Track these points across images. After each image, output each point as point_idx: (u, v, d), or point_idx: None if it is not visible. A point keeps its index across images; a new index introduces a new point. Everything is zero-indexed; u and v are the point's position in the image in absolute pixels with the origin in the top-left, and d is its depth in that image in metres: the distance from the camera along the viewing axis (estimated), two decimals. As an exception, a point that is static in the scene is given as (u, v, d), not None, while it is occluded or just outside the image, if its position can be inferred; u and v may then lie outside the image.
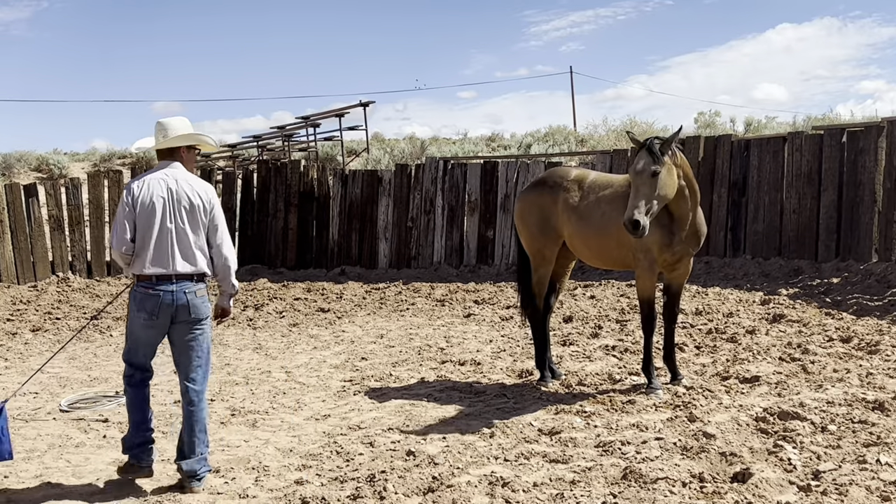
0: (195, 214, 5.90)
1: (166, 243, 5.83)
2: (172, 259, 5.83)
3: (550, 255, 8.48)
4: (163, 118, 6.12)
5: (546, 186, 8.48)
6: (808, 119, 27.57)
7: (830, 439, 6.16)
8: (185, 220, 5.87)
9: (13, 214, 17.00)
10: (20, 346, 11.50)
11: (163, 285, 5.81)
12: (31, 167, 32.02)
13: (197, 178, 6.07)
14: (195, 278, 5.93)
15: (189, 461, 5.88)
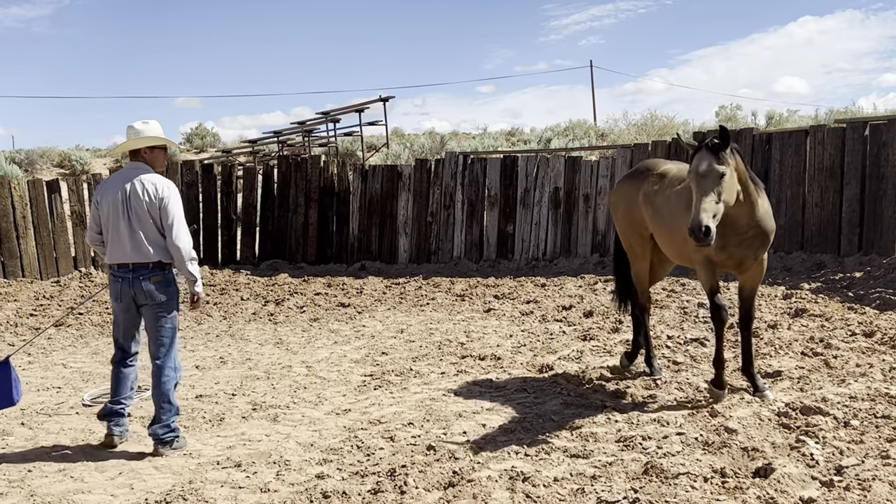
0: (146, 210, 6.54)
1: (124, 236, 6.58)
2: (128, 250, 6.57)
3: (640, 250, 8.34)
4: (135, 122, 6.80)
5: (632, 178, 8.40)
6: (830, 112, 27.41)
7: (853, 434, 6.12)
8: (138, 216, 6.56)
9: (36, 210, 17.11)
10: (43, 340, 11.58)
11: (122, 273, 6.60)
12: (54, 163, 32.23)
13: (154, 176, 6.68)
14: (151, 266, 6.58)
15: (154, 427, 6.65)
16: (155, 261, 6.55)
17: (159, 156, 6.81)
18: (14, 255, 16.81)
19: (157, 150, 6.78)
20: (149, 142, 6.70)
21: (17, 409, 8.12)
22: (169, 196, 6.58)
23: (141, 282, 6.54)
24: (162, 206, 6.53)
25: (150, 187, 6.55)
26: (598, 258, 16.10)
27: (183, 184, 18.34)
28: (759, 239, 7.12)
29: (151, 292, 6.56)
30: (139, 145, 6.71)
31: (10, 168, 26.44)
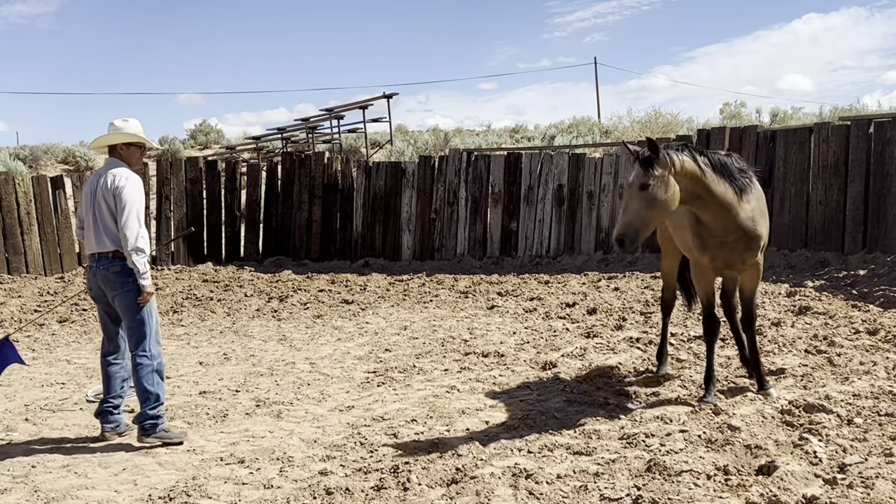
0: (107, 202, 6.70)
1: (91, 228, 6.82)
2: (93, 241, 6.80)
3: (668, 247, 8.31)
4: (116, 119, 6.95)
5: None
6: (834, 110, 27.36)
7: (856, 432, 6.12)
8: (101, 208, 6.72)
9: (40, 206, 17.15)
10: (47, 336, 11.60)
11: (92, 262, 6.85)
12: (58, 159, 32.23)
13: (120, 170, 6.79)
14: (110, 256, 6.72)
15: (137, 417, 6.83)
16: (112, 250, 6.70)
17: (135, 153, 6.95)
18: (18, 251, 16.85)
19: (133, 147, 6.93)
20: (123, 138, 6.85)
21: (21, 404, 8.15)
22: (124, 185, 6.68)
23: (101, 271, 6.72)
24: (116, 194, 6.64)
25: (111, 178, 6.70)
26: (602, 255, 16.09)
27: (187, 180, 18.36)
28: (743, 243, 6.88)
29: (112, 282, 6.70)
30: (112, 141, 6.87)
31: (14, 164, 26.46)
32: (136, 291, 6.69)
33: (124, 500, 5.57)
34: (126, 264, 6.66)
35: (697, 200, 6.70)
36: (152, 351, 6.79)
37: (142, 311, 6.73)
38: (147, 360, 6.76)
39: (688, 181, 6.55)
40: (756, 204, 6.94)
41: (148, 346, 6.77)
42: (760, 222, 6.94)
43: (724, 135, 15.53)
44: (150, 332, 6.78)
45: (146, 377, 6.75)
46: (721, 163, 6.77)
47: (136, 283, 6.67)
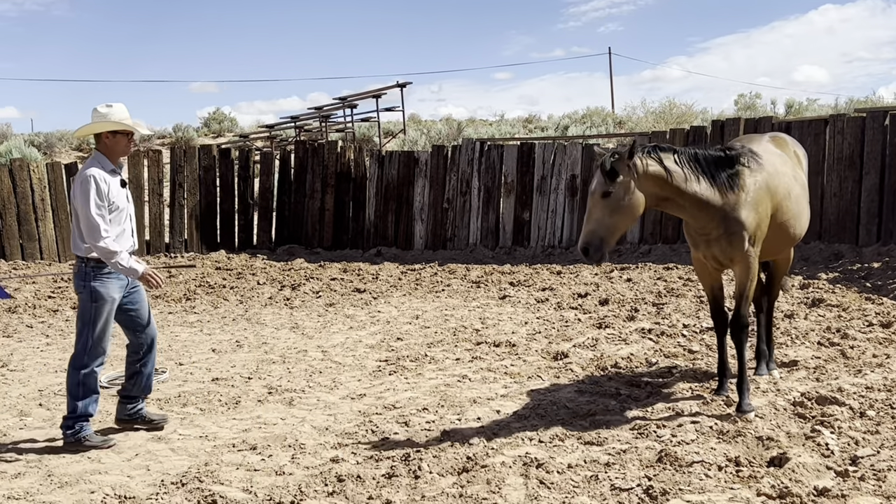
0: (73, 201, 6.41)
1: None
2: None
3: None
4: (99, 105, 6.55)
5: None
6: (850, 101, 27.23)
7: (869, 425, 6.10)
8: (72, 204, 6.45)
9: (54, 193, 17.23)
10: (61, 322, 11.66)
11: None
12: (72, 146, 32.34)
13: (88, 167, 6.40)
14: (78, 258, 6.47)
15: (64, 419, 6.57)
16: (78, 254, 6.46)
17: (121, 141, 6.48)
18: (33, 237, 16.93)
19: (118, 135, 6.46)
20: (107, 126, 6.42)
21: (35, 389, 8.20)
22: (77, 186, 6.31)
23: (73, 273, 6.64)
24: (73, 198, 6.38)
25: (77, 180, 6.35)
26: (615, 246, 16.04)
27: (200, 168, 18.42)
28: (725, 240, 6.52)
29: (74, 281, 6.58)
30: (96, 130, 6.45)
31: (28, 151, 26.56)
32: (86, 296, 6.38)
33: (137, 485, 5.60)
34: (82, 267, 6.40)
35: (667, 202, 6.43)
36: (83, 361, 6.44)
37: (86, 318, 6.40)
38: (75, 369, 6.45)
39: (652, 185, 6.28)
40: (752, 196, 6.53)
41: (81, 355, 6.45)
42: (742, 221, 6.47)
43: (738, 126, 15.47)
44: (87, 342, 6.43)
45: (71, 385, 6.47)
46: (698, 159, 6.41)
47: (87, 288, 6.36)
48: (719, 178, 6.41)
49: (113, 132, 6.45)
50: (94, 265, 6.38)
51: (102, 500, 5.30)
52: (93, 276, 6.39)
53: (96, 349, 6.47)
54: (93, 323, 6.40)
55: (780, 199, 6.79)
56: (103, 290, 6.39)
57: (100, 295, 6.38)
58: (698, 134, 15.81)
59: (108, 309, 6.46)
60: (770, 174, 6.75)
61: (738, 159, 6.56)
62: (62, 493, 5.51)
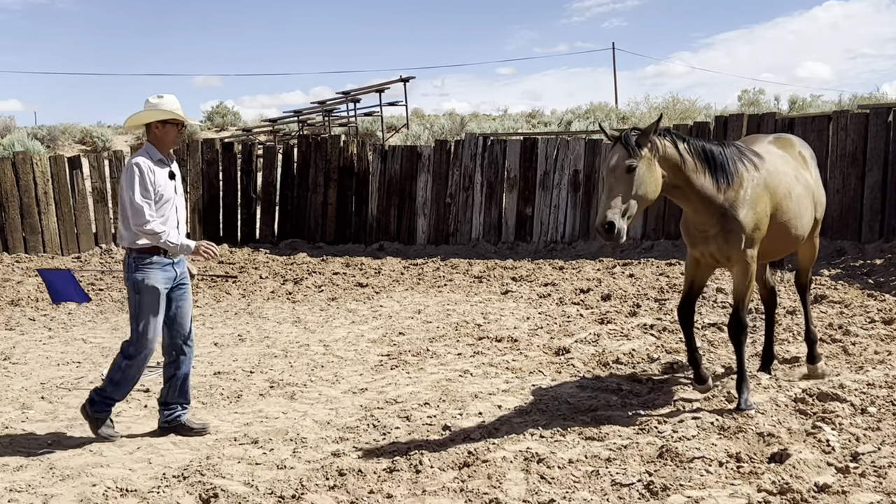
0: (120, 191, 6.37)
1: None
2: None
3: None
4: (151, 96, 6.52)
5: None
6: (853, 98, 27.18)
7: (870, 421, 6.10)
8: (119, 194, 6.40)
9: (58, 186, 17.23)
10: (63, 316, 11.68)
11: None
12: (76, 140, 32.36)
13: (135, 156, 6.40)
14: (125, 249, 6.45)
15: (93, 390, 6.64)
16: (124, 245, 6.42)
17: (171, 131, 6.45)
18: (35, 230, 16.95)
19: (168, 125, 6.43)
20: (157, 115, 6.39)
21: (38, 382, 8.21)
22: (123, 175, 6.34)
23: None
24: (121, 186, 6.35)
25: (124, 169, 6.35)
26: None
27: (203, 162, 18.41)
28: (723, 237, 6.45)
29: (124, 275, 6.49)
30: (145, 120, 6.43)
31: (32, 144, 26.58)
32: (131, 287, 6.34)
33: (139, 479, 5.61)
34: (127, 259, 6.39)
35: (675, 190, 6.36)
36: (131, 352, 6.42)
37: (133, 310, 6.39)
38: (124, 358, 6.44)
39: (668, 168, 6.23)
40: (750, 195, 6.47)
41: (131, 347, 6.43)
42: (740, 219, 6.42)
43: (741, 122, 15.45)
44: (135, 332, 6.40)
45: (113, 368, 6.49)
46: (706, 152, 6.39)
47: (130, 279, 6.33)
48: (720, 174, 6.38)
49: (163, 122, 6.41)
50: (138, 255, 6.32)
51: (104, 492, 5.31)
52: (136, 266, 6.33)
53: (142, 341, 6.38)
54: (137, 314, 6.36)
55: (780, 198, 6.73)
56: (147, 280, 6.31)
57: (144, 286, 6.31)
58: (702, 130, 15.79)
59: (152, 300, 6.35)
60: (770, 173, 6.71)
61: (737, 157, 6.54)
62: (64, 486, 5.52)
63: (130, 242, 6.32)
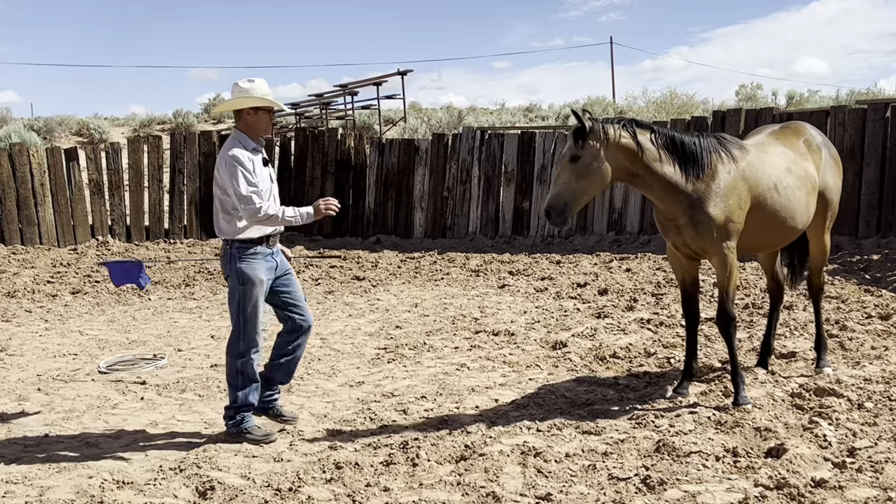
0: (217, 182, 6.15)
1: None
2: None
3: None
4: (240, 80, 6.27)
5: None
6: (851, 93, 27.20)
7: (867, 416, 6.11)
8: (215, 186, 6.20)
9: (54, 178, 17.20)
10: (60, 308, 11.66)
11: None
12: (72, 131, 32.34)
13: (231, 147, 6.12)
14: (224, 242, 6.24)
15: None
16: (223, 236, 6.21)
17: (263, 118, 6.22)
18: (32, 222, 16.92)
19: (261, 111, 6.20)
20: (250, 102, 6.16)
21: (34, 374, 8.21)
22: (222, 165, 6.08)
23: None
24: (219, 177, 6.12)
25: (222, 162, 6.09)
26: (614, 236, 16.04)
27: (200, 154, 18.38)
28: (693, 228, 6.42)
29: (221, 266, 6.30)
30: (237, 106, 6.20)
31: (28, 135, 26.54)
32: (234, 279, 6.13)
33: (135, 471, 5.61)
34: (227, 250, 6.17)
35: (636, 179, 6.40)
36: (239, 348, 6.20)
37: (237, 302, 6.15)
38: (232, 357, 6.23)
39: (623, 157, 6.27)
40: (722, 186, 6.43)
41: (237, 343, 6.20)
42: (708, 212, 6.37)
43: (739, 117, 15.44)
44: (240, 328, 6.19)
45: (230, 373, 6.26)
46: (675, 142, 6.39)
47: (234, 270, 6.12)
48: (689, 164, 6.38)
49: (255, 108, 6.18)
50: (239, 246, 6.14)
51: (100, 484, 5.31)
52: (238, 257, 6.14)
53: (250, 334, 6.19)
54: (243, 307, 6.15)
55: (762, 190, 6.65)
56: (250, 271, 6.12)
57: (247, 277, 6.12)
58: (699, 124, 15.78)
59: (257, 291, 6.16)
60: (750, 165, 6.65)
61: (713, 149, 6.52)
62: (60, 478, 5.52)
63: (233, 234, 6.13)
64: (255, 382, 6.27)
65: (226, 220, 6.15)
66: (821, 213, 7.36)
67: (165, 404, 7.22)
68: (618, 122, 6.33)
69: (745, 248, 6.87)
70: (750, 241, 6.75)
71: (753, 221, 6.64)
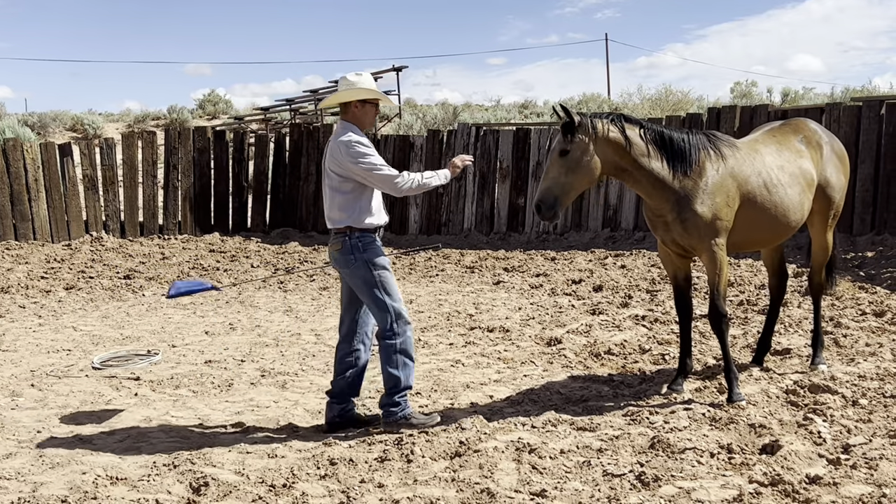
0: (335, 172, 6.09)
1: (325, 200, 6.27)
2: (325, 214, 6.28)
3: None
4: (348, 73, 6.28)
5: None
6: (846, 90, 27.21)
7: (861, 413, 6.11)
8: (330, 178, 6.14)
9: (48, 173, 17.14)
10: (54, 303, 11.64)
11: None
12: (66, 127, 32.27)
13: (343, 133, 6.09)
14: (334, 232, 6.17)
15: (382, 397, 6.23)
16: (337, 226, 6.13)
17: (370, 111, 6.23)
18: (26, 217, 16.87)
19: (367, 104, 6.20)
20: (359, 94, 6.13)
21: (27, 370, 8.18)
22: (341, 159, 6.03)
23: (329, 247, 6.24)
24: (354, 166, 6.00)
25: (336, 146, 6.05)
26: (609, 233, 16.05)
27: (195, 150, 18.33)
28: (681, 225, 6.46)
29: (337, 260, 6.16)
30: (345, 98, 6.16)
31: (22, 131, 26.44)
32: (363, 269, 6.07)
33: (129, 467, 5.59)
34: (348, 242, 6.08)
35: (624, 174, 6.42)
36: (394, 328, 6.12)
37: (374, 288, 6.09)
38: (389, 340, 6.13)
39: (611, 152, 6.30)
40: (710, 183, 6.44)
41: (389, 324, 6.11)
42: (696, 209, 6.40)
43: (734, 114, 15.44)
44: (389, 309, 6.11)
45: (386, 359, 6.15)
46: (663, 138, 6.42)
47: (360, 259, 6.06)
48: (677, 161, 6.41)
49: (362, 101, 6.19)
50: (361, 235, 6.10)
51: (94, 480, 5.29)
52: (362, 246, 6.09)
53: (400, 312, 6.15)
54: (384, 288, 6.11)
55: (752, 188, 6.65)
56: (377, 257, 6.11)
57: (377, 262, 6.11)
58: (694, 121, 15.78)
59: (389, 273, 6.18)
60: (740, 163, 6.66)
61: (702, 146, 6.54)
62: (53, 474, 5.50)
63: (355, 222, 6.09)
64: (413, 362, 6.24)
65: (344, 207, 6.11)
66: (822, 210, 7.36)
67: (159, 400, 7.20)
68: (606, 117, 6.37)
69: (738, 246, 6.89)
70: (742, 238, 6.77)
71: (744, 219, 6.65)
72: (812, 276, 7.81)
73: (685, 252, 6.78)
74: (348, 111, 6.21)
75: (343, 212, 6.10)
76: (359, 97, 6.14)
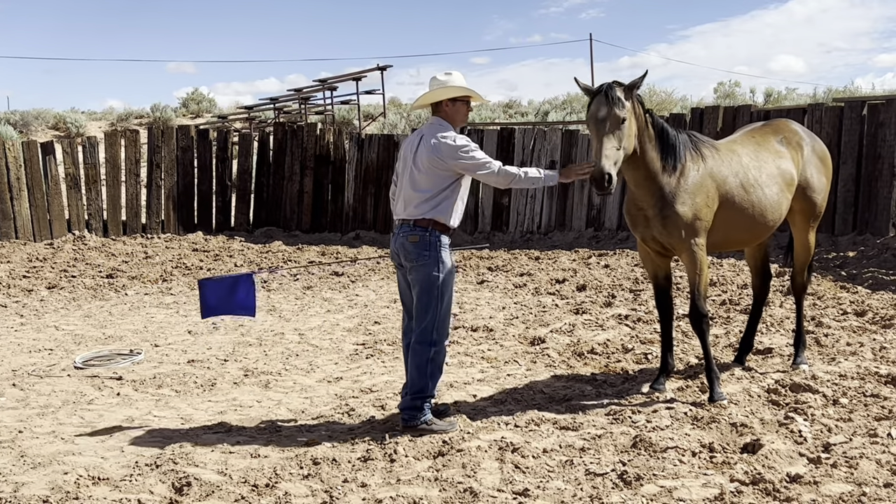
0: (430, 166, 6.04)
1: (401, 191, 6.23)
2: (400, 207, 6.22)
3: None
4: (438, 73, 6.30)
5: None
6: (828, 91, 27.35)
7: (842, 412, 6.15)
8: (413, 171, 6.12)
9: (30, 172, 17.05)
10: (35, 302, 11.58)
11: (395, 228, 6.26)
12: (49, 125, 32.08)
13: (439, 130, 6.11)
14: (412, 224, 6.08)
15: (404, 400, 6.18)
16: (417, 218, 6.05)
17: (461, 109, 6.23)
18: (7, 216, 16.78)
19: (458, 102, 6.19)
20: (451, 93, 6.14)
21: (9, 370, 8.14)
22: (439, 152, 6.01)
23: (401, 238, 6.08)
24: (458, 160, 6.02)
25: (429, 143, 6.04)
26: (593, 232, 16.08)
27: (178, 148, 18.26)
28: (661, 222, 6.48)
29: (408, 252, 6.03)
30: (437, 98, 6.18)
31: (4, 129, 26.31)
32: (433, 266, 6.00)
33: (111, 467, 5.57)
34: (426, 236, 6.01)
35: (632, 155, 6.32)
36: (433, 338, 6.07)
37: (433, 288, 6.02)
38: (425, 347, 6.07)
39: (636, 127, 6.29)
40: (690, 183, 6.50)
41: (430, 331, 6.06)
42: (681, 206, 6.44)
43: (717, 114, 15.50)
44: (436, 316, 6.05)
45: (418, 364, 6.08)
46: (663, 129, 6.49)
47: (433, 257, 5.99)
48: (668, 154, 6.46)
49: (453, 99, 6.19)
50: (440, 232, 6.06)
51: (76, 480, 5.27)
52: (438, 244, 6.04)
53: (445, 323, 6.13)
54: (442, 295, 6.05)
55: (730, 188, 6.70)
56: (448, 259, 6.08)
57: (446, 266, 6.06)
58: (678, 121, 15.83)
59: (453, 280, 6.16)
60: (718, 163, 6.72)
61: (686, 145, 6.60)
62: (35, 474, 5.48)
63: (441, 217, 6.07)
64: (441, 373, 6.23)
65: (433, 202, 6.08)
66: (803, 210, 7.41)
67: (142, 400, 7.18)
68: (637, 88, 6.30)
69: (717, 246, 6.95)
70: (720, 238, 6.83)
71: (722, 219, 6.71)
72: (795, 276, 7.86)
73: (665, 251, 6.81)
74: (440, 109, 6.24)
75: (430, 205, 6.06)
76: (449, 95, 6.16)
